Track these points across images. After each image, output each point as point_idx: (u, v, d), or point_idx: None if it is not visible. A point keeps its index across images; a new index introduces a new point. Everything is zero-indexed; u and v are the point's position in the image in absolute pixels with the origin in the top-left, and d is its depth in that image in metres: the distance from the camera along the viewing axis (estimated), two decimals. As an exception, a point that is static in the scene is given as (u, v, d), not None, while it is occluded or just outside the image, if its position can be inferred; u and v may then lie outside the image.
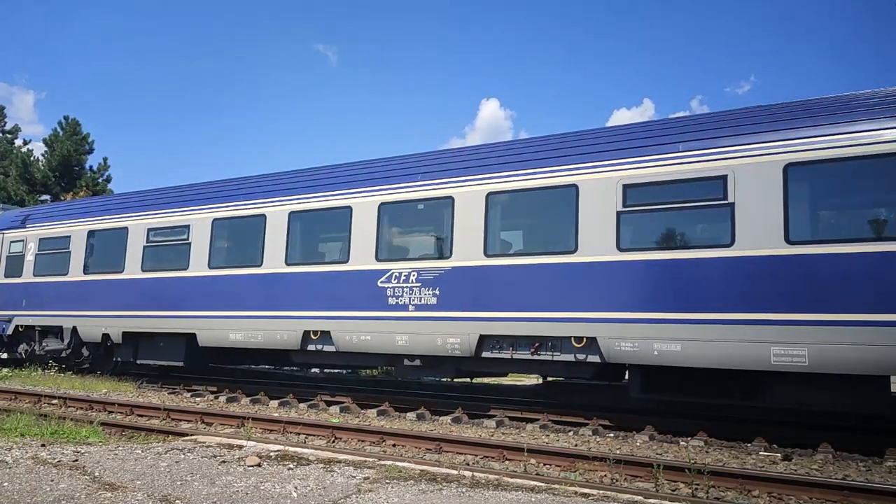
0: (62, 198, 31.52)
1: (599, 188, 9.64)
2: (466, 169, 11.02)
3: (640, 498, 5.67)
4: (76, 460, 6.50)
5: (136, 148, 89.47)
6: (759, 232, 8.45)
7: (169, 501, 5.17)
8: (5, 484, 5.49)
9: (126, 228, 15.15)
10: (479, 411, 11.20)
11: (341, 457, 7.00)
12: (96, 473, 5.99)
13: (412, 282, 10.77)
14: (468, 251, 10.43)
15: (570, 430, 9.93)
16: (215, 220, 13.70)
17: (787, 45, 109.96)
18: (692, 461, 7.05)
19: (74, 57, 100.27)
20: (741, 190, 8.67)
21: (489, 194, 10.52)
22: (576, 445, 8.74)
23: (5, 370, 16.78)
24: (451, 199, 10.83)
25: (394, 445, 8.60)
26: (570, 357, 9.63)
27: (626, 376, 10.22)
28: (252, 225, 13.04)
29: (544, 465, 7.55)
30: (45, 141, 34.67)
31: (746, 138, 8.86)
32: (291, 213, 12.57)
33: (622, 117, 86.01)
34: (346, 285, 11.54)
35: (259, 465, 6.45)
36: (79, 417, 9.89)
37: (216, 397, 13.33)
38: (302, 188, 12.81)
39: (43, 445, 7.31)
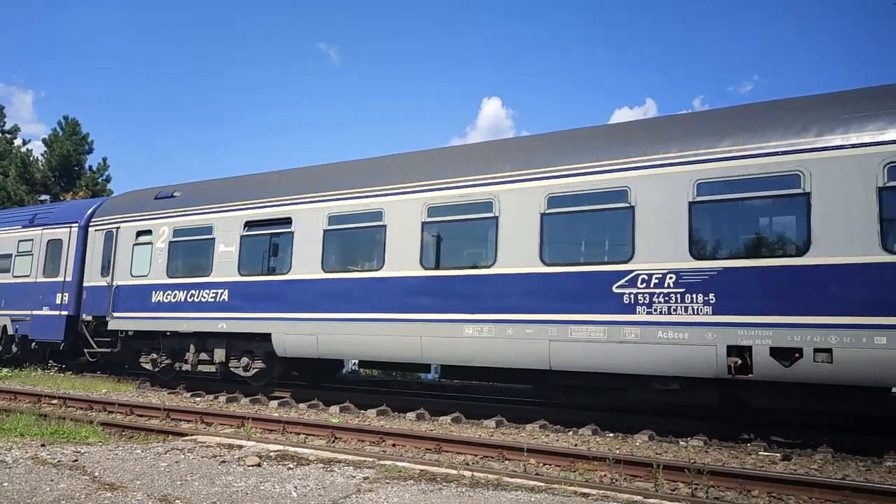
0: (62, 198, 31.49)
1: None
2: None
3: (639, 498, 5.68)
4: (76, 460, 6.50)
5: (136, 148, 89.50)
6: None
7: (169, 501, 5.17)
8: (5, 484, 5.49)
9: None
10: (478, 411, 11.19)
11: (341, 457, 7.01)
12: (96, 473, 5.99)
13: None
14: None
15: (569, 430, 9.94)
16: None
17: (789, 45, 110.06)
18: (692, 461, 7.06)
19: (74, 56, 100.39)
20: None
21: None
22: (575, 445, 8.74)
23: (5, 370, 16.79)
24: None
25: (393, 445, 8.60)
26: None
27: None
28: None
29: (544, 464, 7.56)
30: (44, 141, 34.62)
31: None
32: None
33: (623, 116, 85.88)
34: None
35: (259, 465, 6.45)
36: (79, 417, 9.90)
37: (216, 397, 13.33)
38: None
39: (43, 445, 7.31)
